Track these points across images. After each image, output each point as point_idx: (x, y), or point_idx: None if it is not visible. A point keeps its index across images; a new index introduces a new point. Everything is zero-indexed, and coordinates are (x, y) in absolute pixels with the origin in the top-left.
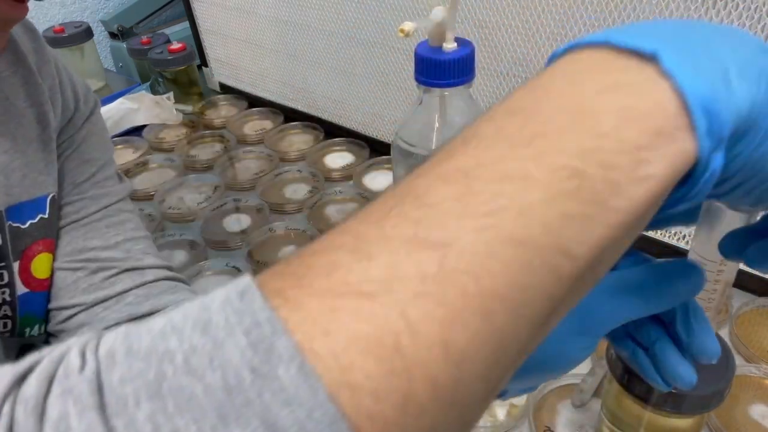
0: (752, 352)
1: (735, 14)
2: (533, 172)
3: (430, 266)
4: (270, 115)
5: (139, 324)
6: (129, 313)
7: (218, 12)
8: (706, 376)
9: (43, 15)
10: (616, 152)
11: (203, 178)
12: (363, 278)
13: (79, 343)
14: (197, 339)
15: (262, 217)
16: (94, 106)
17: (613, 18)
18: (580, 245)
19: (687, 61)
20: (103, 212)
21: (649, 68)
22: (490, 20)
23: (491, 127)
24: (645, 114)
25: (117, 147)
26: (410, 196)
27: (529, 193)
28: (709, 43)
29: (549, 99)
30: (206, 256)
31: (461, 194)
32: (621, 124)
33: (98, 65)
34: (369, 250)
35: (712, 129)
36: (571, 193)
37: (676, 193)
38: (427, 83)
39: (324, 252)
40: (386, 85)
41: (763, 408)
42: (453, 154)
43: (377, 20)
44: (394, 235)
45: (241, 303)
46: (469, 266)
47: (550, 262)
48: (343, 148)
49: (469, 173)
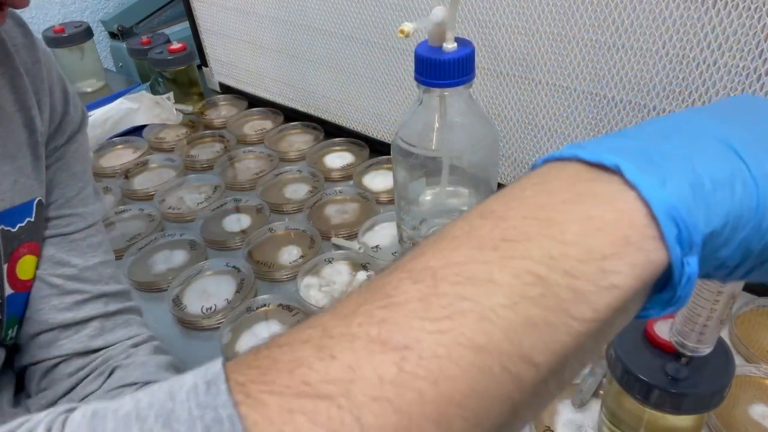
0: (752, 352)
1: (735, 14)
2: (497, 276)
3: (389, 369)
4: (270, 115)
5: (109, 404)
6: (85, 345)
7: (218, 12)
8: (706, 375)
9: (43, 15)
10: (581, 261)
11: (203, 178)
12: (323, 378)
13: (47, 421)
14: (158, 431)
15: (262, 217)
16: (82, 116)
17: (613, 18)
18: (543, 353)
19: (652, 172)
20: (86, 231)
21: (615, 180)
22: (490, 20)
23: (464, 227)
24: (610, 223)
25: (117, 147)
26: (380, 292)
27: (492, 297)
28: (683, 153)
29: (519, 206)
30: (206, 256)
31: (426, 295)
32: (586, 233)
33: (98, 65)
34: (332, 348)
35: (682, 236)
36: (534, 299)
37: (659, 298)
38: (427, 83)
39: (290, 345)
40: (386, 85)
41: (763, 408)
42: (425, 252)
43: (377, 20)
44: (359, 333)
45: (207, 395)
46: (428, 370)
47: (510, 369)
48: (343, 148)
49: (436, 273)
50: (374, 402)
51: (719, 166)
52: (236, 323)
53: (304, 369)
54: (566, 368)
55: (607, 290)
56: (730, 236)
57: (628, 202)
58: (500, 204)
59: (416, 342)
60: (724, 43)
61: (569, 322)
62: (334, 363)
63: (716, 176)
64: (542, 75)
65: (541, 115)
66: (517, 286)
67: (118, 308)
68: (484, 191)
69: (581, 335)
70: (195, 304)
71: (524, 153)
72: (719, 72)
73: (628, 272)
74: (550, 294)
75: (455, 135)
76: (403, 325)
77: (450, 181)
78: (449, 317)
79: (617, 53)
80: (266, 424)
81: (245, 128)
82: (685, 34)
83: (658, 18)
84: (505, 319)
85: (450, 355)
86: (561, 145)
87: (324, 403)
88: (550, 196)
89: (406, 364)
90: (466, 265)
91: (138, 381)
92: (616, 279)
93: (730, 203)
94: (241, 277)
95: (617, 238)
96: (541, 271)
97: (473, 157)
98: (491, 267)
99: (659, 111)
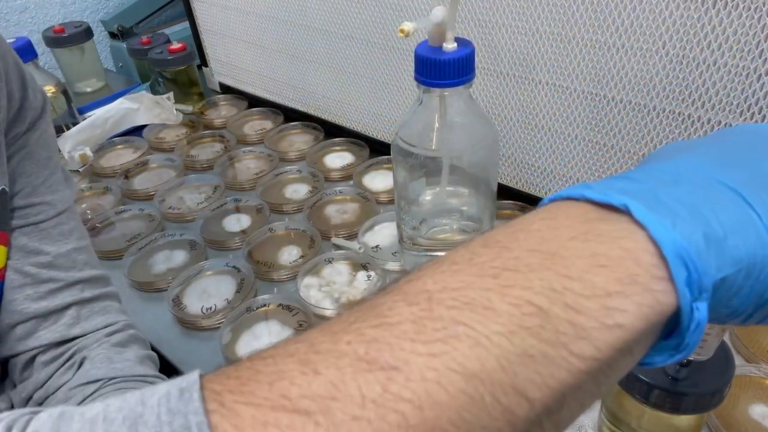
0: (752, 352)
1: (735, 14)
2: (496, 303)
3: (373, 389)
4: (270, 115)
5: (77, 407)
6: (61, 334)
7: (218, 12)
8: (706, 375)
9: (43, 15)
10: (584, 296)
11: (203, 178)
12: (304, 393)
13: (9, 420)
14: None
15: (262, 217)
16: (44, 102)
17: (613, 18)
18: (538, 387)
19: (662, 214)
20: (56, 219)
21: (624, 219)
22: (490, 20)
23: (465, 254)
24: (616, 261)
25: (117, 147)
26: (373, 312)
27: (488, 324)
28: (693, 199)
29: (525, 238)
30: (206, 256)
31: (420, 317)
32: (591, 270)
33: (98, 65)
34: (317, 363)
35: (692, 280)
36: (532, 330)
37: (666, 345)
38: (427, 83)
39: (274, 358)
40: (386, 85)
41: (763, 408)
42: (423, 275)
43: (377, 20)
44: (347, 351)
45: (179, 401)
46: (414, 393)
47: (502, 401)
48: (343, 148)
49: (432, 296)
50: (353, 421)
51: (730, 214)
52: (236, 323)
53: (285, 382)
54: (563, 408)
55: (610, 328)
56: (742, 284)
57: (637, 241)
58: (505, 235)
59: (405, 363)
60: (724, 43)
61: (568, 357)
62: (317, 378)
63: (728, 223)
64: (542, 75)
65: (541, 115)
66: (515, 315)
67: (94, 294)
68: (484, 191)
69: (580, 373)
70: (195, 304)
71: (524, 153)
72: (719, 72)
73: (634, 311)
74: (550, 327)
75: (455, 135)
76: (393, 345)
77: (450, 181)
78: (442, 341)
79: (617, 53)
80: None
81: (245, 128)
82: (685, 34)
83: (658, 18)
84: (501, 347)
85: (439, 379)
86: (561, 145)
87: (301, 419)
88: (557, 232)
89: (392, 384)
90: (464, 291)
91: (102, 378)
92: (620, 318)
93: (743, 250)
94: (241, 277)
95: (623, 276)
96: (542, 302)
97: (473, 157)
98: (490, 294)
99: (659, 111)
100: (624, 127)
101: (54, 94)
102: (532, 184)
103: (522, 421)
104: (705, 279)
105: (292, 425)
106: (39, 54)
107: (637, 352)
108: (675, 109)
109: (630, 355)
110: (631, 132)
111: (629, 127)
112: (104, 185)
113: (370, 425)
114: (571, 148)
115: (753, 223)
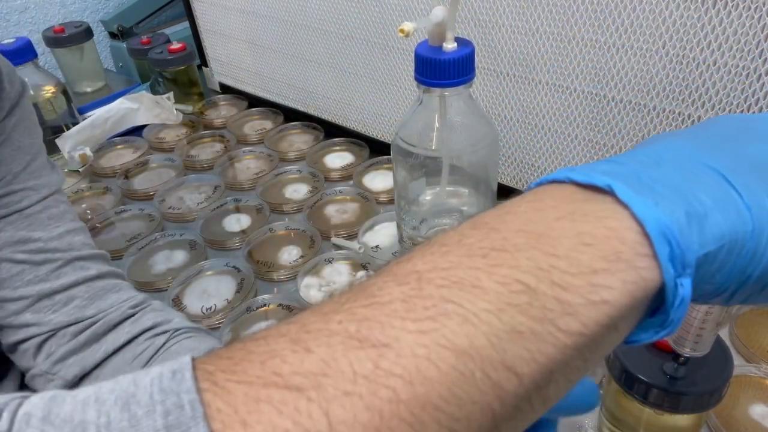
0: (752, 352)
1: (735, 14)
2: (484, 282)
3: (364, 365)
4: (270, 115)
5: (70, 391)
6: (76, 316)
7: (218, 12)
8: (705, 375)
9: (43, 15)
10: (570, 274)
11: (203, 178)
12: (295, 370)
13: (1, 402)
14: (116, 413)
15: (262, 217)
16: (21, 89)
17: (613, 18)
18: (527, 363)
19: (645, 194)
20: (43, 203)
21: (608, 200)
22: (490, 20)
23: (455, 236)
24: (601, 239)
25: (117, 147)
26: (364, 293)
27: (477, 301)
28: (675, 179)
29: (512, 220)
30: (206, 256)
31: (410, 296)
32: (577, 248)
33: (98, 65)
34: (308, 342)
35: (675, 256)
36: (520, 307)
37: (651, 322)
38: (427, 83)
39: (266, 338)
40: (386, 85)
41: (763, 408)
42: (413, 257)
43: (377, 20)
44: (338, 330)
45: (171, 381)
46: (404, 369)
47: (492, 377)
48: (343, 148)
49: (422, 276)
50: (345, 397)
51: (711, 193)
52: (236, 323)
53: (277, 360)
54: (551, 384)
55: (596, 305)
56: (725, 261)
57: (621, 220)
58: (493, 217)
59: (395, 340)
60: (724, 43)
61: (555, 333)
62: (309, 356)
63: (708, 202)
64: (542, 75)
65: (541, 115)
66: (503, 293)
67: (100, 272)
68: (484, 191)
69: (567, 349)
70: (195, 304)
71: (524, 153)
72: (719, 72)
73: (619, 288)
74: (537, 304)
75: (455, 135)
76: (384, 323)
77: (450, 181)
78: (432, 318)
79: (617, 53)
80: (229, 412)
81: (245, 128)
82: (685, 34)
83: (658, 18)
84: (489, 324)
85: (430, 356)
86: (561, 145)
87: (293, 395)
88: (543, 213)
89: (383, 361)
90: (453, 270)
91: (167, 329)
92: (606, 294)
93: (725, 227)
94: (241, 277)
95: (608, 254)
96: (529, 280)
97: (473, 157)
98: (478, 273)
99: (659, 111)
100: (624, 127)
101: (54, 94)
102: None
103: (511, 396)
104: (688, 255)
105: (284, 401)
106: (39, 54)
107: (622, 328)
108: (675, 109)
109: (616, 331)
110: (631, 132)
111: (629, 127)
112: (104, 185)
113: (362, 400)
114: (571, 148)
115: (733, 201)
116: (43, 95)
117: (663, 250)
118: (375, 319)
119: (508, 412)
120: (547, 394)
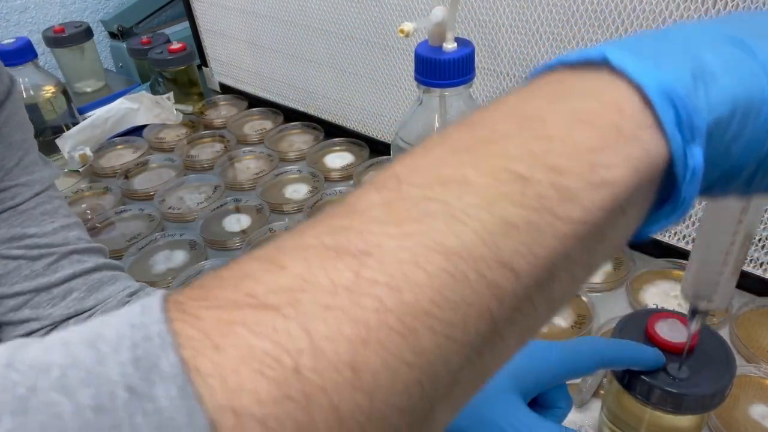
0: (752, 352)
1: None
2: (471, 176)
3: (344, 276)
4: (270, 115)
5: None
6: (75, 308)
7: (218, 12)
8: (707, 375)
9: (43, 15)
10: (566, 156)
11: (203, 178)
12: (270, 289)
13: None
14: (82, 353)
15: (262, 217)
16: (10, 84)
17: (613, 18)
18: (524, 258)
19: (644, 56)
20: (36, 200)
21: (603, 72)
22: (490, 20)
23: (438, 138)
24: (596, 114)
25: (117, 147)
26: (343, 206)
27: (464, 197)
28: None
29: (498, 111)
30: (206, 256)
31: (390, 200)
32: (572, 126)
33: (98, 65)
34: (282, 259)
35: (682, 120)
36: (513, 198)
37: (664, 212)
38: (427, 83)
39: (239, 262)
40: (386, 85)
41: (763, 408)
42: (393, 164)
43: (377, 20)
44: (313, 243)
45: (140, 316)
46: (389, 277)
47: (487, 276)
48: (343, 148)
49: (402, 179)
50: (326, 311)
51: (721, 53)
52: None
53: (250, 282)
54: (554, 282)
55: (597, 187)
56: (740, 129)
57: (619, 89)
58: (479, 112)
59: (376, 247)
60: None
61: (554, 222)
62: (284, 273)
63: (717, 62)
64: None
65: None
66: (492, 185)
67: (97, 264)
68: None
69: (568, 239)
70: None
71: None
72: None
73: (621, 165)
74: (532, 192)
75: None
76: (363, 230)
77: None
78: (415, 219)
79: None
80: (201, 338)
81: (245, 128)
82: None
83: (658, 18)
84: (480, 220)
85: (416, 259)
86: None
87: (269, 314)
88: (532, 100)
89: (365, 269)
90: (436, 168)
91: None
92: (607, 174)
93: (737, 87)
94: None
95: (606, 130)
96: (521, 168)
97: None
98: (464, 168)
99: None
100: None
101: (54, 94)
102: None
103: (510, 295)
104: (696, 118)
105: (259, 321)
106: (39, 54)
107: (630, 213)
108: None
109: (623, 215)
110: None
111: None
112: (104, 185)
113: (345, 313)
114: None
115: (746, 61)
116: (43, 95)
117: (667, 114)
118: (352, 228)
119: (508, 315)
120: (550, 294)
